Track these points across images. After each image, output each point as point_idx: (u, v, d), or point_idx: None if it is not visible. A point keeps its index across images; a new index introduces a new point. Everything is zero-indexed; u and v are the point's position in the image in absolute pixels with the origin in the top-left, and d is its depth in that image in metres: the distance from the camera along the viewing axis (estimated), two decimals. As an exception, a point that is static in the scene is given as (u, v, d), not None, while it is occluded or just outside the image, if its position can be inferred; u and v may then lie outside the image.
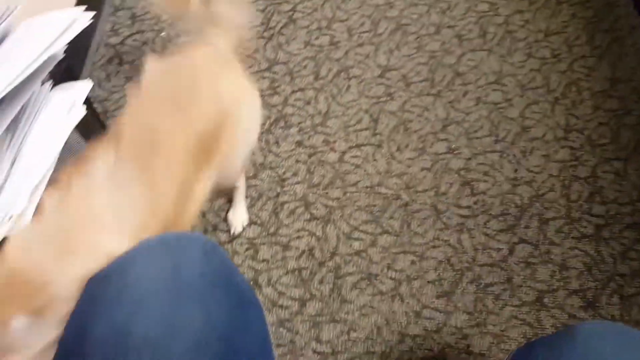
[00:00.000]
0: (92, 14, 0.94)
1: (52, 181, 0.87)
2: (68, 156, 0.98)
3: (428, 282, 1.16)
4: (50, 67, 0.96)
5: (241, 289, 0.57)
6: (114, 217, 0.67)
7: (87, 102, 1.04)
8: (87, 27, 0.96)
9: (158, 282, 0.51)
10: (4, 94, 0.86)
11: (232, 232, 1.23)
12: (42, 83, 0.97)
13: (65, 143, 0.94)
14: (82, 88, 1.03)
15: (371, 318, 1.12)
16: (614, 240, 1.20)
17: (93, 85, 1.40)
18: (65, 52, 0.97)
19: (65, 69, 1.03)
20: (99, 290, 0.55)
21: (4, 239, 0.82)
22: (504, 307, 1.14)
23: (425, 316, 1.13)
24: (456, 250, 1.20)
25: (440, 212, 1.25)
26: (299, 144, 1.37)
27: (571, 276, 1.17)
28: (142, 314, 0.49)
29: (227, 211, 1.26)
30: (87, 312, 0.54)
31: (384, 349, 1.09)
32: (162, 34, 1.53)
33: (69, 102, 0.99)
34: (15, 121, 0.91)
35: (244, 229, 1.24)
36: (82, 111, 0.99)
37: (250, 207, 1.27)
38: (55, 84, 1.00)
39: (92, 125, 1.20)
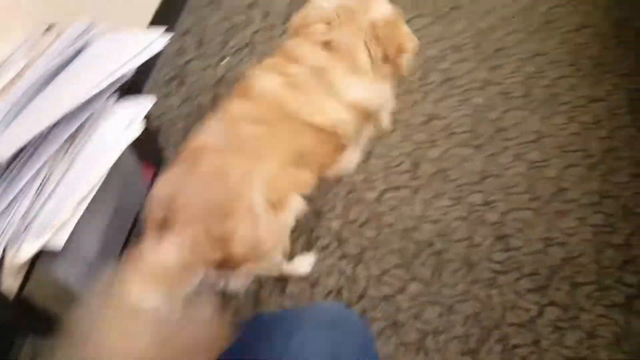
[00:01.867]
0: (169, 36, 0.89)
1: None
2: (119, 174, 0.92)
3: (454, 337, 1.07)
4: (120, 84, 0.92)
5: None
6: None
7: (145, 118, 0.99)
8: (158, 44, 0.92)
9: None
10: (75, 107, 0.82)
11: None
12: (107, 97, 0.93)
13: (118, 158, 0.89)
14: (144, 104, 0.97)
15: (393, 368, 1.04)
16: (645, 314, 1.10)
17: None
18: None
19: (129, 83, 0.97)
20: (263, 338, 0.56)
21: (40, 253, 0.77)
22: (528, 370, 1.04)
23: (449, 371, 1.03)
24: (485, 306, 1.10)
25: (473, 264, 1.16)
26: (339, 180, 1.30)
27: (599, 345, 1.06)
28: None
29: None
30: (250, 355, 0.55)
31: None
32: (225, 60, 1.49)
33: (129, 117, 0.94)
34: (76, 131, 0.86)
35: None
36: (140, 128, 0.94)
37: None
38: (118, 97, 0.95)
39: (146, 142, 1.15)
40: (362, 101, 0.98)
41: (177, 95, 1.42)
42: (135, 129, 0.93)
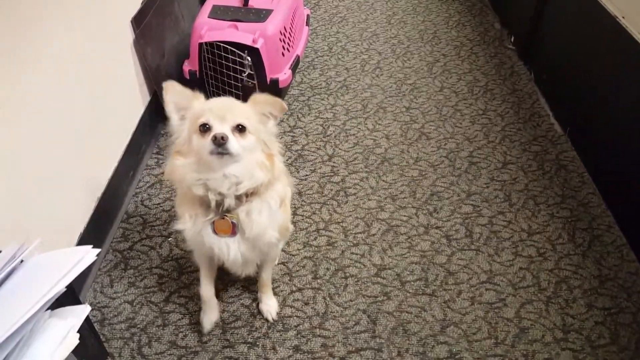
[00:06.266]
0: (97, 251, 0.82)
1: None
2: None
3: None
4: (54, 299, 0.82)
5: None
6: None
7: (86, 320, 0.87)
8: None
9: None
10: (12, 331, 0.71)
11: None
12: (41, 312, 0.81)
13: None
14: (78, 314, 0.87)
15: None
16: None
17: (95, 292, 1.24)
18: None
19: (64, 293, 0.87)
20: None
21: None
22: None
23: None
24: None
25: None
26: (297, 349, 1.16)
27: None
28: None
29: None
30: None
31: None
32: (170, 238, 1.40)
33: (64, 330, 0.84)
34: (8, 354, 0.75)
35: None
36: (75, 340, 0.84)
37: None
38: (53, 308, 0.85)
39: (87, 342, 1.01)
40: None
41: (121, 282, 1.29)
42: (70, 343, 0.83)
